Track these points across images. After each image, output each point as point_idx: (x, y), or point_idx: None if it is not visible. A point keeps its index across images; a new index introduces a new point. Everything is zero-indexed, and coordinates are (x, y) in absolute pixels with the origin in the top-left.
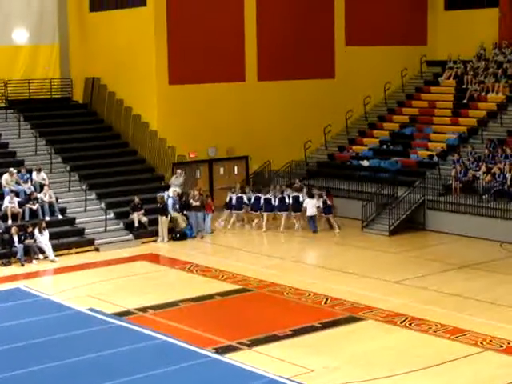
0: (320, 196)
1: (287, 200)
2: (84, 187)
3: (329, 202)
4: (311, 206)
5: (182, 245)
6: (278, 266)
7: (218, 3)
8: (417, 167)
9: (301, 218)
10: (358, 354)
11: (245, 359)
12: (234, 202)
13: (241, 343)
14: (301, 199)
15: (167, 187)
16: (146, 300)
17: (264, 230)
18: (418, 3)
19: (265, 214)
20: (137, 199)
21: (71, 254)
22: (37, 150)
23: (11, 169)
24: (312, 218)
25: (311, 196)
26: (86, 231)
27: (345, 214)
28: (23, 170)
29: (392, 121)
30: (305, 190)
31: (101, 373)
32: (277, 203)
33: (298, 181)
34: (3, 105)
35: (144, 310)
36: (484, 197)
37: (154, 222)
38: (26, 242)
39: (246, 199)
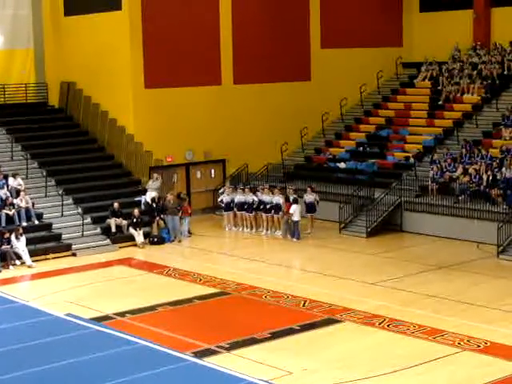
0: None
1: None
2: (60, 192)
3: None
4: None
5: (160, 249)
6: (256, 269)
7: (194, 7)
8: (393, 169)
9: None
10: (336, 355)
11: (224, 363)
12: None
13: (219, 347)
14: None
15: (144, 191)
16: (124, 305)
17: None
18: (393, 5)
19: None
20: (116, 204)
21: (48, 259)
22: (13, 156)
23: None
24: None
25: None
26: (63, 236)
27: (322, 216)
28: None
29: (368, 123)
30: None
31: (79, 378)
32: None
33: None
34: None
35: (122, 314)
36: (460, 198)
37: None
38: (3, 247)
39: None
